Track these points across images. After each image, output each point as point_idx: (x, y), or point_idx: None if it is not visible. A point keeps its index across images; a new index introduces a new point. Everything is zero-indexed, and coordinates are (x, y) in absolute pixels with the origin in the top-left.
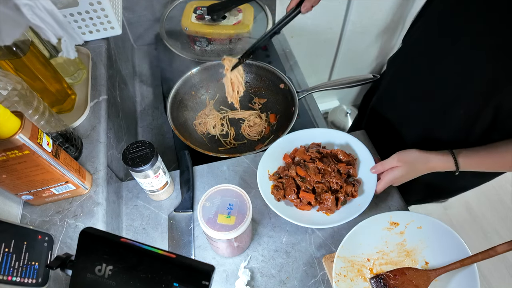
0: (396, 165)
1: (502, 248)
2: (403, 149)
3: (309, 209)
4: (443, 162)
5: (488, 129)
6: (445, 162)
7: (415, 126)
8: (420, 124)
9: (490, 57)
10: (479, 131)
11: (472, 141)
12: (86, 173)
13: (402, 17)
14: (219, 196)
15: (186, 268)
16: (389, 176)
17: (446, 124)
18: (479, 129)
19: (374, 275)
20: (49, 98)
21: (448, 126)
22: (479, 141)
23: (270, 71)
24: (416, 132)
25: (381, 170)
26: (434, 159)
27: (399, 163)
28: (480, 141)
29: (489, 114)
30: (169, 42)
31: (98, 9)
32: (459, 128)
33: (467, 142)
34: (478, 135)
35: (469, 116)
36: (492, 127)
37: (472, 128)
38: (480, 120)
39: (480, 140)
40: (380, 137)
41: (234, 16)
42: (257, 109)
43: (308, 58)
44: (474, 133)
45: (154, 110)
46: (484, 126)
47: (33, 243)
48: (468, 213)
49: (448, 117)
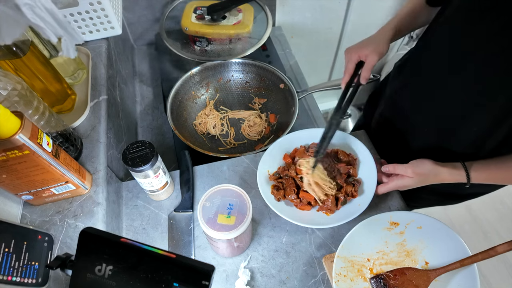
0: (408, 176)
1: (502, 248)
2: (409, 153)
3: (309, 209)
4: (455, 176)
5: (499, 145)
6: (457, 176)
7: (424, 136)
8: (429, 135)
9: (504, 80)
10: (490, 147)
11: (482, 155)
12: (86, 173)
13: None
14: (219, 196)
15: (186, 268)
16: (397, 183)
17: (457, 137)
18: (490, 145)
19: (374, 275)
20: (49, 98)
21: (459, 140)
22: (488, 155)
23: (270, 71)
24: (424, 141)
25: (392, 172)
26: (445, 173)
27: (412, 174)
28: (489, 155)
29: (502, 133)
30: (169, 42)
31: (98, 9)
32: (469, 143)
33: (476, 155)
34: (488, 150)
35: (482, 132)
36: (504, 143)
37: (484, 144)
38: (492, 138)
39: (489, 154)
40: (387, 141)
41: (234, 16)
42: (257, 109)
43: (308, 58)
44: (484, 148)
45: (154, 110)
46: (496, 142)
47: (33, 243)
48: (468, 213)
49: (459, 132)
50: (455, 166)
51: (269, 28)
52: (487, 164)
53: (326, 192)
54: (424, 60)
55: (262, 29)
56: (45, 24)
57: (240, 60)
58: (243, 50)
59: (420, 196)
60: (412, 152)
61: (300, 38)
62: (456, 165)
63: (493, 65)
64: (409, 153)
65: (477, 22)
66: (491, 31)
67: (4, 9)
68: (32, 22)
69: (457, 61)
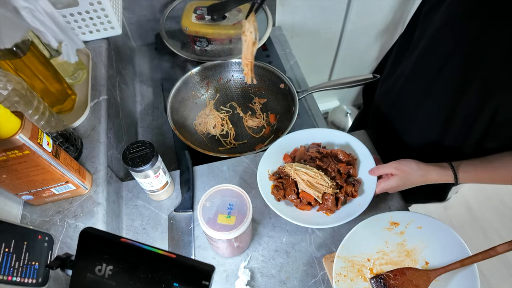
0: (392, 172)
1: (502, 248)
2: (405, 149)
3: (309, 209)
4: (442, 176)
5: (481, 138)
6: (445, 176)
7: (417, 126)
8: (422, 123)
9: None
10: (474, 140)
11: (467, 150)
12: (86, 173)
13: (402, 17)
14: (219, 196)
15: (186, 268)
16: (383, 185)
17: (448, 125)
18: (474, 136)
19: (374, 275)
20: (49, 98)
21: (449, 128)
22: (474, 151)
23: (270, 71)
24: (418, 131)
25: (377, 174)
26: (433, 173)
27: (395, 171)
28: (475, 151)
29: (484, 121)
30: (169, 42)
31: (98, 9)
32: (458, 130)
33: (461, 150)
34: (472, 144)
35: (468, 118)
36: (485, 136)
37: (469, 132)
38: (476, 125)
39: (475, 150)
40: (383, 136)
41: (234, 16)
42: (257, 109)
43: (308, 58)
44: (469, 140)
45: (154, 110)
46: (479, 133)
47: (33, 243)
48: (468, 213)
49: (449, 118)
50: (442, 166)
51: (269, 28)
52: (474, 164)
53: (322, 191)
54: (417, 58)
55: (262, 29)
56: (45, 28)
57: (240, 60)
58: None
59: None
60: (409, 147)
61: (300, 38)
62: (443, 165)
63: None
64: (406, 148)
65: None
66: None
67: (3, 13)
68: (32, 26)
69: (444, 59)
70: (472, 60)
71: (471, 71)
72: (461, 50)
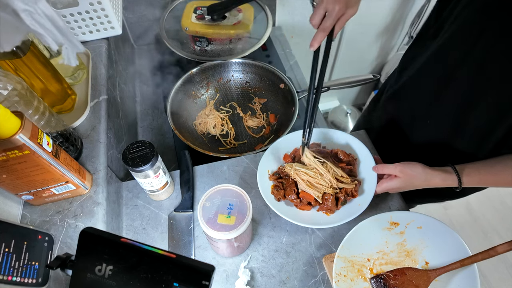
0: (396, 174)
1: (502, 248)
2: (408, 151)
3: (309, 209)
4: (446, 181)
5: (498, 144)
6: (449, 180)
7: (427, 134)
8: (433, 129)
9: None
10: (491, 146)
11: (481, 155)
12: (86, 173)
13: (402, 17)
14: (219, 196)
15: (186, 268)
16: (386, 185)
17: (460, 134)
18: (491, 143)
19: (374, 275)
20: (49, 98)
21: (462, 137)
22: (488, 155)
23: (270, 71)
24: (427, 138)
25: (381, 172)
26: (436, 178)
27: (400, 173)
28: (489, 155)
29: (502, 131)
30: (169, 42)
31: (98, 9)
32: (471, 139)
33: (475, 156)
34: (488, 149)
35: (483, 129)
36: (503, 143)
37: (484, 142)
38: (492, 135)
39: (489, 155)
40: (387, 138)
41: (234, 16)
42: (257, 109)
43: (308, 58)
44: (484, 147)
45: (154, 110)
46: (495, 142)
47: (33, 243)
48: (468, 213)
49: (462, 128)
50: (446, 171)
51: (269, 28)
52: (477, 168)
53: (322, 191)
54: (424, 65)
55: (262, 29)
56: (45, 31)
57: (240, 60)
58: (243, 50)
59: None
60: (414, 151)
61: (300, 38)
62: (447, 170)
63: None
64: (411, 152)
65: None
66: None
67: (2, 15)
68: (32, 29)
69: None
70: (482, 72)
71: (482, 84)
72: (470, 62)
